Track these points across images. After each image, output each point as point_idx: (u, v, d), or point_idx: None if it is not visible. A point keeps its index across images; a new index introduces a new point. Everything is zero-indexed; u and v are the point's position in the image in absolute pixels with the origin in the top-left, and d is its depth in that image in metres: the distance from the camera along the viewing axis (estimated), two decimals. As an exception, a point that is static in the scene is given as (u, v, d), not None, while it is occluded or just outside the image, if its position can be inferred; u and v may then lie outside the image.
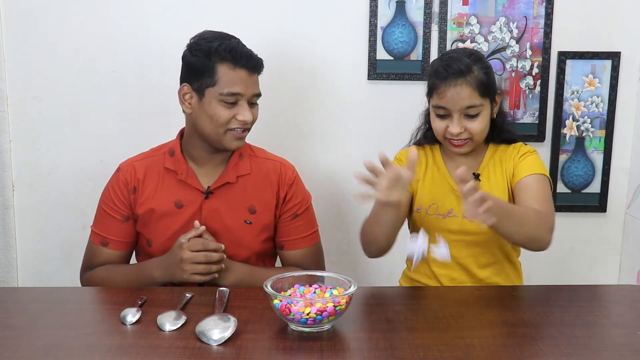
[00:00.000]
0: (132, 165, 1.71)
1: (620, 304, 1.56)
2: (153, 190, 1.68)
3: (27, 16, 2.13)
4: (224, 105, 1.59)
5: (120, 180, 1.70)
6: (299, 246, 1.73)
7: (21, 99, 2.17)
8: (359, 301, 1.41)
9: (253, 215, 1.68)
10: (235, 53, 1.58)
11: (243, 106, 1.60)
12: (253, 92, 1.62)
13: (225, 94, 1.58)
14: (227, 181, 1.67)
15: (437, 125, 1.66)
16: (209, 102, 1.59)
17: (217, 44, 1.58)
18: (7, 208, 2.22)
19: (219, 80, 1.58)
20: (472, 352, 1.22)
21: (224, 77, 1.57)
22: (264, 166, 1.73)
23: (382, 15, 2.14)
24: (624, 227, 2.32)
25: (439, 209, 1.70)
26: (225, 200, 1.66)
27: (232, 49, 1.58)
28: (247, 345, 1.24)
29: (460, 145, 1.65)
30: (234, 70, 1.58)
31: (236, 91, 1.58)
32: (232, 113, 1.59)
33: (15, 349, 1.23)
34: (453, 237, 1.67)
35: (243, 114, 1.59)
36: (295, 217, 1.73)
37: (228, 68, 1.57)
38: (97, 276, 1.70)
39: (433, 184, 1.74)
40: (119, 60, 2.16)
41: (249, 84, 1.60)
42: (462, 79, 1.60)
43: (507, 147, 1.75)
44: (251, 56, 1.60)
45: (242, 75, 1.58)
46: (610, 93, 2.21)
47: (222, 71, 1.57)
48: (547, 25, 2.16)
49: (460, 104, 1.60)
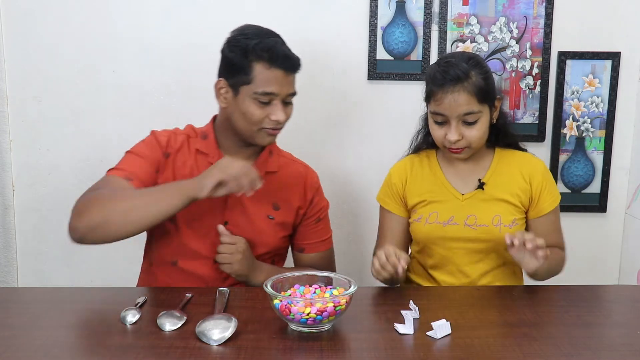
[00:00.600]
0: (170, 134, 1.68)
1: (620, 304, 1.56)
2: (184, 166, 1.64)
3: (27, 16, 2.13)
4: (258, 104, 1.57)
5: (157, 139, 1.65)
6: (318, 249, 1.77)
7: (21, 99, 2.17)
8: (359, 301, 1.41)
9: (276, 211, 1.68)
10: (272, 52, 1.55)
11: (277, 106, 1.58)
12: (288, 91, 1.59)
13: (260, 93, 1.56)
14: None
15: (435, 133, 1.64)
16: (243, 100, 1.57)
17: (255, 42, 1.55)
18: (7, 208, 2.22)
19: (254, 78, 1.55)
20: (472, 352, 1.22)
21: (260, 76, 1.55)
22: (290, 167, 1.74)
23: (382, 15, 2.14)
24: (624, 227, 2.32)
25: (439, 217, 1.68)
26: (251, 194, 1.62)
27: (269, 48, 1.55)
28: (247, 345, 1.24)
29: (458, 152, 1.63)
30: (270, 69, 1.55)
31: (271, 91, 1.56)
32: (265, 112, 1.57)
33: (15, 349, 1.23)
34: (454, 244, 1.66)
35: (276, 114, 1.57)
36: (318, 221, 1.75)
37: (264, 67, 1.55)
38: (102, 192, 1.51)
39: (431, 192, 1.71)
40: (119, 60, 2.16)
41: (284, 84, 1.57)
42: (460, 86, 1.56)
43: (513, 155, 1.72)
44: (288, 56, 1.57)
45: (278, 75, 1.56)
46: (610, 93, 2.21)
47: (258, 70, 1.55)
48: (547, 25, 2.16)
49: (457, 111, 1.57)
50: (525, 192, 1.68)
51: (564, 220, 2.16)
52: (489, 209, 1.66)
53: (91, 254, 2.26)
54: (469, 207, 1.67)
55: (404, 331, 1.30)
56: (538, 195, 1.68)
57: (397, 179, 1.75)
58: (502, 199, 1.67)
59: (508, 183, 1.68)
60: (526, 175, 1.68)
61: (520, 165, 1.70)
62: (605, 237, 2.32)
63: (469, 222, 1.65)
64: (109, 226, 1.45)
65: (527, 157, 1.73)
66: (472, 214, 1.66)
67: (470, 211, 1.66)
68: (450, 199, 1.69)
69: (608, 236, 2.32)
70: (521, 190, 1.68)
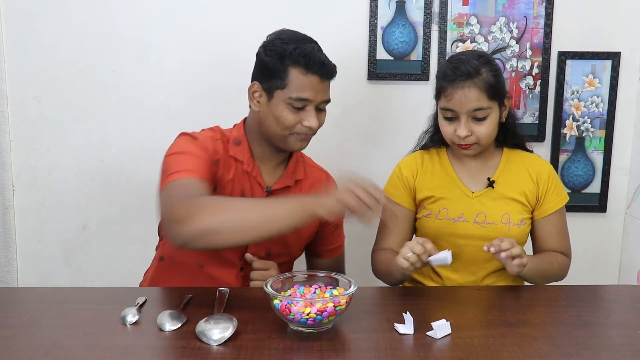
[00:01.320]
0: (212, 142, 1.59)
1: (620, 304, 1.56)
2: (227, 174, 1.60)
3: (27, 16, 2.13)
4: (291, 109, 1.55)
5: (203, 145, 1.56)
6: (335, 254, 1.80)
7: (21, 99, 2.17)
8: (359, 301, 1.41)
9: None
10: (308, 58, 1.53)
11: (310, 112, 1.56)
12: (322, 98, 1.57)
13: (294, 98, 1.54)
14: (288, 185, 1.65)
15: (445, 129, 1.65)
16: (276, 104, 1.55)
17: (292, 47, 1.53)
18: (7, 208, 2.22)
19: (289, 83, 1.54)
20: (472, 352, 1.22)
21: (295, 82, 1.53)
22: (313, 174, 1.74)
23: (382, 15, 2.14)
24: (624, 227, 2.32)
25: (449, 213, 1.68)
26: None
27: (306, 54, 1.53)
28: (247, 345, 1.24)
29: (467, 148, 1.64)
30: (306, 75, 1.53)
31: (305, 97, 1.54)
32: (298, 118, 1.55)
33: (15, 349, 1.23)
34: (463, 241, 1.66)
35: (309, 120, 1.55)
36: (337, 227, 1.78)
37: (300, 73, 1.53)
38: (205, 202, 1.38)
39: (442, 188, 1.71)
40: (119, 60, 2.16)
41: (319, 91, 1.56)
42: (470, 81, 1.58)
43: (521, 155, 1.74)
44: (324, 63, 1.55)
45: (314, 81, 1.54)
46: (610, 93, 2.21)
47: (294, 75, 1.53)
48: (547, 25, 2.16)
49: (467, 107, 1.59)
50: (532, 192, 1.69)
51: (564, 220, 2.16)
52: (499, 208, 1.67)
53: (91, 253, 2.26)
54: (479, 204, 1.68)
55: (404, 331, 1.30)
56: (544, 194, 1.69)
57: (408, 172, 1.75)
58: (511, 197, 1.68)
59: (516, 182, 1.70)
60: (534, 175, 1.70)
61: (528, 165, 1.72)
62: (605, 237, 2.32)
63: (479, 219, 1.66)
64: (220, 236, 1.34)
65: (535, 157, 1.75)
66: (482, 212, 1.67)
67: (480, 209, 1.67)
68: (460, 196, 1.70)
69: (608, 236, 2.32)
70: (529, 189, 1.69)
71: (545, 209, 1.69)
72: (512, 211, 1.67)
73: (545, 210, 1.69)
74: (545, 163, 1.74)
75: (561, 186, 1.73)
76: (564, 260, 1.70)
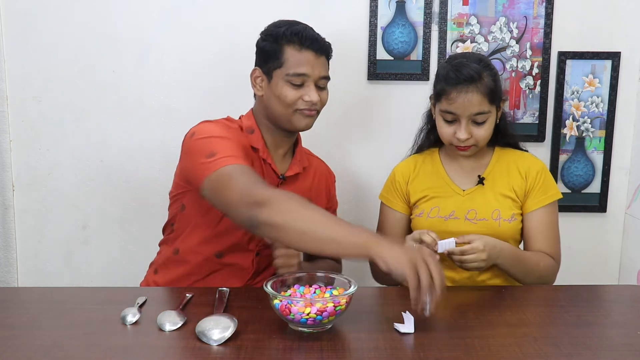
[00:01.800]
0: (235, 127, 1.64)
1: (620, 304, 1.56)
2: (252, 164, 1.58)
3: (27, 16, 2.13)
4: (291, 85, 1.61)
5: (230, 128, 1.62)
6: None
7: (21, 99, 2.17)
8: (359, 301, 1.41)
9: None
10: (301, 36, 1.61)
11: (309, 87, 1.62)
12: (320, 74, 1.63)
13: (292, 74, 1.60)
14: (297, 172, 1.71)
15: (444, 130, 1.67)
16: (276, 84, 1.62)
17: (284, 28, 1.62)
18: (7, 208, 2.22)
19: (285, 61, 1.61)
20: (472, 352, 1.22)
21: (291, 59, 1.60)
22: (314, 162, 1.80)
23: (382, 15, 2.14)
24: (624, 227, 2.32)
25: (440, 211, 1.71)
26: (293, 190, 1.64)
27: (298, 31, 1.61)
28: (247, 345, 1.24)
29: (465, 150, 1.67)
30: (300, 51, 1.60)
31: (302, 72, 1.60)
32: (299, 94, 1.61)
33: (15, 349, 1.23)
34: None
35: (309, 95, 1.61)
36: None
37: (294, 50, 1.61)
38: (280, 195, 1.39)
39: (434, 188, 1.75)
40: (119, 60, 2.16)
41: (316, 66, 1.62)
42: (473, 86, 1.60)
43: (513, 153, 1.76)
44: (317, 39, 1.63)
45: (309, 56, 1.61)
46: (610, 93, 2.21)
47: (289, 53, 1.61)
48: (547, 25, 2.16)
49: (469, 111, 1.61)
50: (521, 187, 1.71)
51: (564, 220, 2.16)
52: (489, 204, 1.69)
53: (91, 253, 2.26)
54: (470, 202, 1.70)
55: (404, 331, 1.30)
56: (531, 189, 1.71)
57: (401, 177, 1.79)
58: (501, 193, 1.70)
59: (507, 179, 1.72)
60: (523, 171, 1.72)
61: (518, 162, 1.74)
62: (605, 237, 2.32)
63: (470, 216, 1.69)
64: (284, 234, 1.35)
65: (526, 155, 1.77)
66: (473, 209, 1.69)
67: (470, 206, 1.69)
68: (451, 195, 1.73)
69: (608, 236, 2.32)
70: (517, 185, 1.71)
71: (531, 203, 1.70)
72: (502, 207, 1.69)
73: (531, 205, 1.70)
74: (537, 161, 1.76)
75: (552, 184, 1.73)
76: (551, 263, 1.68)
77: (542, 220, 1.70)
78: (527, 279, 1.65)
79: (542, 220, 1.70)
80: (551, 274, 1.69)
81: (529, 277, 1.64)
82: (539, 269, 1.65)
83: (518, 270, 1.62)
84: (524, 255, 1.64)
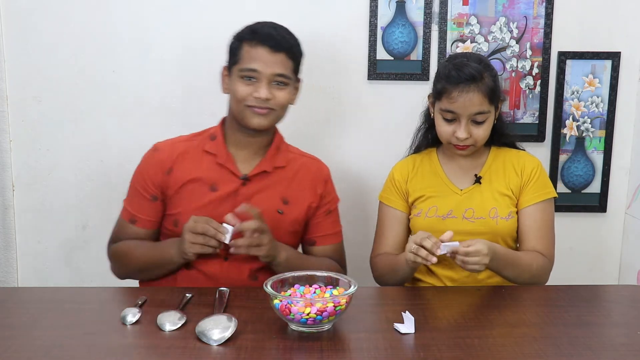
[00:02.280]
0: (172, 145, 1.73)
1: (620, 304, 1.56)
2: (189, 171, 1.68)
3: (27, 16, 2.13)
4: (243, 81, 1.63)
5: (157, 159, 1.71)
6: (329, 242, 1.77)
7: (21, 99, 2.17)
8: (359, 301, 1.41)
9: (286, 205, 1.70)
10: (256, 32, 1.63)
11: (260, 83, 1.62)
12: (273, 71, 1.62)
13: (244, 69, 1.62)
14: (264, 170, 1.70)
15: (443, 129, 1.67)
16: (233, 80, 1.65)
17: (247, 28, 1.66)
18: (7, 208, 2.22)
19: (241, 58, 1.63)
20: (472, 352, 1.22)
21: (245, 55, 1.63)
22: (299, 161, 1.77)
23: (382, 15, 2.14)
24: (624, 227, 2.32)
25: (438, 211, 1.72)
26: (260, 188, 1.68)
27: (256, 29, 1.64)
28: (247, 345, 1.24)
29: (464, 149, 1.68)
30: (254, 48, 1.62)
31: (253, 67, 1.61)
32: (250, 90, 1.62)
33: (15, 349, 1.23)
34: (454, 237, 1.67)
35: (258, 91, 1.61)
36: (329, 213, 1.77)
37: (249, 46, 1.63)
38: (120, 249, 1.72)
39: (431, 188, 1.75)
40: (119, 60, 2.16)
41: (269, 63, 1.61)
42: (475, 85, 1.61)
43: (509, 152, 1.77)
44: (271, 34, 1.63)
45: (261, 53, 1.61)
46: (610, 93, 2.21)
47: (245, 49, 1.63)
48: (547, 25, 2.16)
49: (470, 110, 1.62)
50: (517, 184, 1.72)
51: (564, 220, 2.16)
52: (486, 202, 1.70)
53: (91, 253, 2.26)
54: (467, 201, 1.71)
55: (404, 331, 1.30)
56: (525, 185, 1.71)
57: (400, 176, 1.80)
58: (498, 191, 1.71)
59: (503, 177, 1.73)
60: (518, 168, 1.73)
61: (514, 160, 1.75)
62: (605, 237, 2.32)
63: (467, 215, 1.70)
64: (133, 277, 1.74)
65: (522, 154, 1.78)
66: (470, 208, 1.70)
67: (468, 205, 1.70)
68: (449, 194, 1.74)
69: (608, 236, 2.32)
70: (513, 182, 1.72)
71: (526, 199, 1.71)
72: (500, 205, 1.69)
73: (526, 201, 1.71)
74: (532, 158, 1.76)
75: (546, 182, 1.74)
76: (544, 262, 1.67)
77: (536, 218, 1.70)
78: (519, 279, 1.64)
79: (536, 217, 1.70)
80: (544, 274, 1.68)
81: (521, 278, 1.64)
82: (531, 270, 1.64)
83: (510, 272, 1.62)
84: (516, 257, 1.64)
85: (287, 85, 1.66)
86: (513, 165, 1.74)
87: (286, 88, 1.66)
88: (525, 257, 1.65)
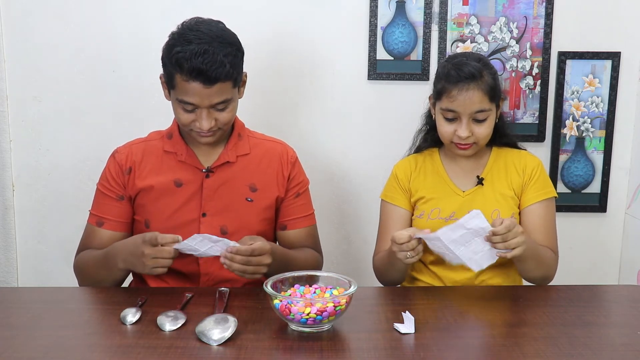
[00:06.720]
0: (129, 147, 1.73)
1: (620, 304, 1.56)
2: (151, 170, 1.68)
3: (27, 16, 2.13)
4: (183, 109, 1.57)
5: (116, 162, 1.70)
6: (300, 225, 1.75)
7: (21, 99, 2.17)
8: (359, 301, 1.41)
9: (254, 193, 1.69)
10: (186, 67, 1.50)
11: (200, 114, 1.56)
12: (211, 102, 1.54)
13: (180, 101, 1.56)
14: (227, 160, 1.68)
15: (445, 129, 1.67)
16: (173, 101, 1.60)
17: (176, 50, 1.52)
18: (7, 208, 2.22)
19: (176, 85, 1.55)
20: (472, 352, 1.22)
21: (179, 86, 1.54)
22: (263, 146, 1.74)
23: (382, 15, 2.14)
24: (624, 227, 2.32)
25: (441, 212, 1.71)
26: (225, 179, 1.67)
27: (185, 60, 1.50)
28: (247, 345, 1.24)
29: (466, 148, 1.67)
30: (187, 82, 1.52)
31: (190, 101, 1.54)
32: (191, 117, 1.57)
33: (15, 349, 1.23)
34: None
35: (200, 123, 1.56)
36: (298, 196, 1.75)
37: (182, 79, 1.52)
38: (79, 260, 1.69)
39: (434, 189, 1.75)
40: (119, 60, 2.16)
41: (205, 96, 1.53)
42: (474, 84, 1.61)
43: (511, 152, 1.77)
44: (203, 71, 1.49)
45: (196, 88, 1.52)
46: (610, 93, 2.21)
47: (177, 79, 1.53)
48: (547, 25, 2.16)
49: (470, 108, 1.62)
50: (518, 184, 1.72)
51: (564, 220, 2.16)
52: (489, 204, 1.69)
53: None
54: (470, 202, 1.71)
55: (404, 331, 1.30)
56: (526, 184, 1.71)
57: (402, 174, 1.79)
58: (501, 193, 1.71)
59: (505, 178, 1.73)
60: (519, 168, 1.73)
61: (515, 160, 1.75)
62: (605, 237, 2.32)
63: None
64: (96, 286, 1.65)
65: (524, 153, 1.78)
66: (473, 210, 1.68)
67: (470, 206, 1.68)
68: (451, 196, 1.73)
69: (608, 236, 2.32)
70: (515, 182, 1.72)
71: (527, 198, 1.71)
72: (502, 207, 1.69)
73: (527, 200, 1.71)
74: (534, 158, 1.76)
75: (547, 181, 1.74)
76: (553, 256, 1.69)
77: (540, 215, 1.70)
78: (536, 272, 1.62)
79: (540, 215, 1.70)
80: (554, 268, 1.69)
81: (538, 269, 1.62)
82: (548, 261, 1.65)
83: (533, 262, 1.59)
84: (537, 245, 1.63)
85: (229, 103, 1.59)
86: (515, 165, 1.74)
87: (229, 106, 1.59)
88: (542, 248, 1.65)
